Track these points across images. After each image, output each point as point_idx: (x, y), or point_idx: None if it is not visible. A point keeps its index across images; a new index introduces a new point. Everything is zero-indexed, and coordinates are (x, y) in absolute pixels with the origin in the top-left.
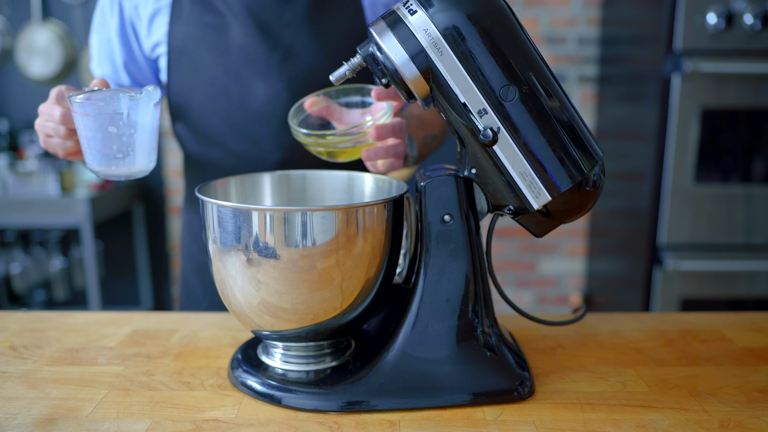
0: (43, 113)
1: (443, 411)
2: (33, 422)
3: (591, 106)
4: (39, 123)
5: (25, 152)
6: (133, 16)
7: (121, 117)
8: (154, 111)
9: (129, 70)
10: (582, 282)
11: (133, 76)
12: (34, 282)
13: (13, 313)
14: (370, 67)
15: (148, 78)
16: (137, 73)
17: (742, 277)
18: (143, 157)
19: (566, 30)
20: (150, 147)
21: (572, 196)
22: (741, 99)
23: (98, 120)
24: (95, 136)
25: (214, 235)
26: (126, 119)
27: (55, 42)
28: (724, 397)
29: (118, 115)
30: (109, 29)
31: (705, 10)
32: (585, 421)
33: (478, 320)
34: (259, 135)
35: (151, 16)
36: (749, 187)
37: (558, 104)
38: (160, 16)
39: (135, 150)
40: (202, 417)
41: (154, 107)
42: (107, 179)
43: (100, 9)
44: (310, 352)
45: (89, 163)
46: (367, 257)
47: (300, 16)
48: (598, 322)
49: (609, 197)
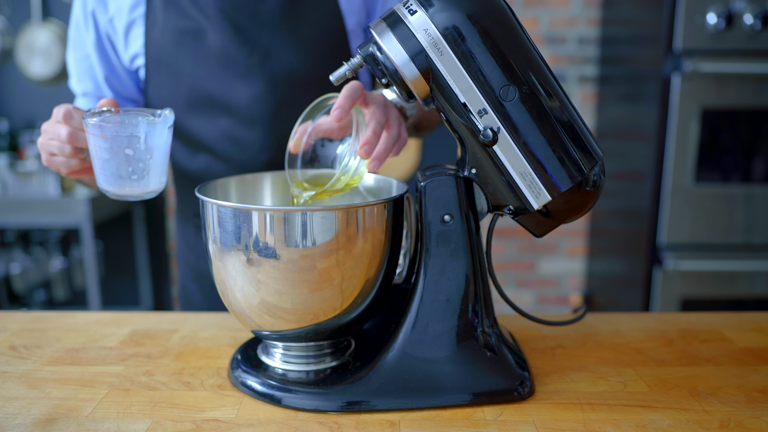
0: (48, 132)
1: (443, 411)
2: (33, 422)
3: (591, 106)
4: (42, 141)
5: (25, 152)
6: (108, 30)
7: (138, 140)
8: (168, 133)
9: (111, 84)
10: (582, 282)
11: (116, 90)
12: (34, 282)
13: (13, 313)
14: (370, 67)
15: (130, 90)
16: (119, 87)
17: (742, 277)
18: (156, 179)
19: (566, 30)
20: (163, 169)
21: (572, 196)
22: (741, 99)
23: (115, 142)
24: (111, 158)
25: (214, 235)
26: (143, 142)
27: (55, 42)
28: (724, 397)
29: (135, 138)
30: (86, 45)
31: (705, 10)
32: (585, 421)
33: (478, 320)
34: (245, 138)
35: (126, 28)
36: (749, 187)
37: (558, 104)
38: (135, 28)
39: (149, 172)
40: (202, 417)
41: (168, 130)
42: (118, 199)
43: (74, 25)
44: (310, 352)
45: (101, 184)
46: (367, 257)
47: (275, 14)
48: (598, 322)
49: (609, 197)
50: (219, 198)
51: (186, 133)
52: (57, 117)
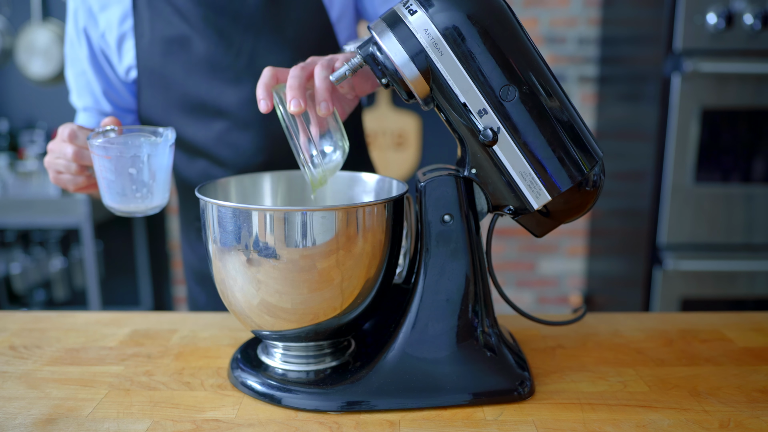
0: (54, 151)
1: (443, 411)
2: (33, 422)
3: (591, 106)
4: (49, 160)
5: (25, 152)
6: (101, 44)
7: (141, 160)
8: (170, 152)
9: (109, 97)
10: (582, 282)
11: (115, 103)
12: (34, 282)
13: (13, 313)
14: (370, 67)
15: (129, 102)
16: (118, 100)
17: (742, 277)
18: (159, 195)
19: (566, 30)
20: (166, 185)
21: (572, 196)
22: (741, 99)
23: (119, 162)
24: (115, 177)
25: (214, 235)
26: (146, 162)
27: (55, 42)
28: (724, 397)
29: (138, 158)
30: (81, 61)
31: (705, 10)
32: (585, 421)
33: (478, 320)
34: (239, 141)
35: (118, 42)
36: (749, 187)
37: (558, 104)
38: (127, 41)
39: (153, 189)
40: (202, 417)
41: (170, 149)
42: (123, 216)
43: (69, 42)
44: (310, 352)
45: (106, 201)
46: (367, 257)
47: (256, 16)
48: (598, 322)
49: (609, 197)
50: (219, 198)
51: (182, 139)
52: (62, 136)
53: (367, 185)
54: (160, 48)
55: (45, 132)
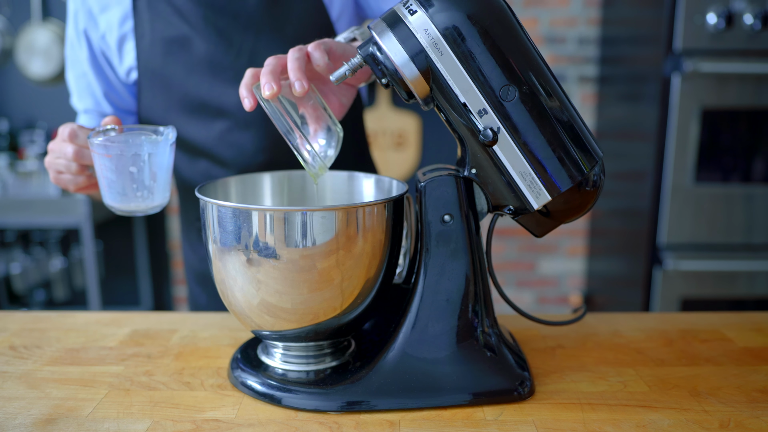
0: (54, 151)
1: (443, 411)
2: (33, 422)
3: (591, 106)
4: (49, 160)
5: (25, 152)
6: (102, 46)
7: (142, 159)
8: (171, 151)
9: (110, 99)
10: (582, 282)
11: (116, 105)
12: (34, 282)
13: (13, 313)
14: (370, 67)
15: (130, 104)
16: (119, 101)
17: (742, 277)
18: (160, 194)
19: (566, 30)
20: (166, 184)
21: (572, 196)
22: (741, 99)
23: (120, 161)
24: (116, 176)
25: (214, 235)
26: (147, 161)
27: (55, 42)
28: (724, 397)
29: (139, 157)
30: (82, 63)
31: (705, 10)
32: (585, 421)
33: (478, 320)
34: (240, 141)
35: (118, 44)
36: (749, 187)
37: (558, 104)
38: (127, 42)
39: (153, 188)
40: (202, 417)
41: (171, 147)
42: (123, 215)
43: (69, 44)
44: (310, 352)
45: (107, 200)
46: (367, 257)
47: (256, 16)
48: (598, 322)
49: (609, 197)
50: (219, 198)
51: (184, 140)
52: (62, 136)
53: (367, 185)
54: (160, 49)
55: (45, 132)
